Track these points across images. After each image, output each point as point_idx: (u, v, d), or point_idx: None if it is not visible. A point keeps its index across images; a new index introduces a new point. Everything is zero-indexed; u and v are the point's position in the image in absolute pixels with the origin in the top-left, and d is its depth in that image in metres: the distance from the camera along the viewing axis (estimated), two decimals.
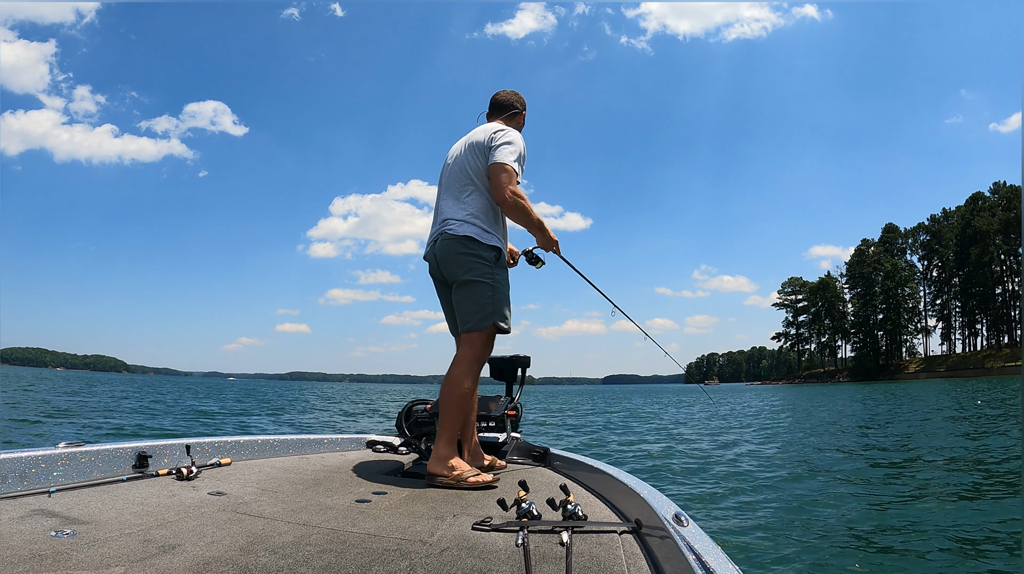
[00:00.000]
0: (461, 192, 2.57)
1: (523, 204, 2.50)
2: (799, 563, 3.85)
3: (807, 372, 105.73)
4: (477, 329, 2.48)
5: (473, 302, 2.48)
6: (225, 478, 2.25)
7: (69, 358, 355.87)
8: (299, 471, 2.49)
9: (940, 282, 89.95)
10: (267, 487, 2.14)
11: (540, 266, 2.82)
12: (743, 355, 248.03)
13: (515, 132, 2.61)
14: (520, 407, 3.16)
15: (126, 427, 11.77)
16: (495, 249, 2.52)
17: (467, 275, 2.49)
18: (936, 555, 3.94)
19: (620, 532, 1.63)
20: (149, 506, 1.77)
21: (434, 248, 2.59)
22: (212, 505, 1.83)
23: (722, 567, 1.20)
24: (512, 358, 3.21)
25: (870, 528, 4.63)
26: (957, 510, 5.08)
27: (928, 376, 79.01)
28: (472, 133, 2.67)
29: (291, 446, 2.95)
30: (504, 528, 1.64)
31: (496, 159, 2.48)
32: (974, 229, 79.84)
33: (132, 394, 27.09)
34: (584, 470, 2.51)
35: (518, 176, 2.51)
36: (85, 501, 1.78)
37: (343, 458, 2.88)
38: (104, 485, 2.00)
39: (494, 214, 2.57)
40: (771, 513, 5.15)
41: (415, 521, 1.75)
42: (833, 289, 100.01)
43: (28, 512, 1.61)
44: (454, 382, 2.43)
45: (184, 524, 1.59)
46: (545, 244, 2.71)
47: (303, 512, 1.81)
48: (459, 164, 2.61)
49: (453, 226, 2.52)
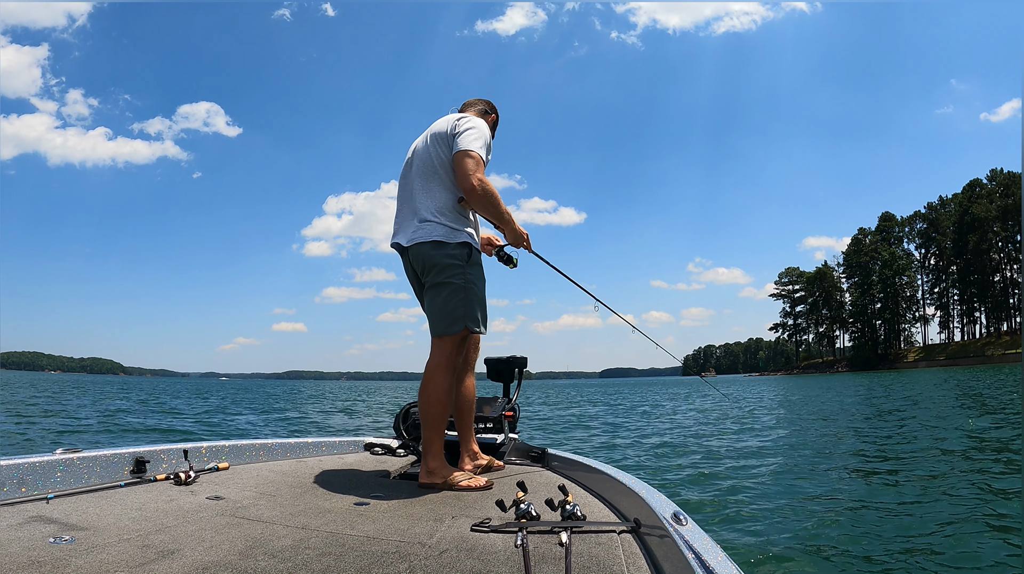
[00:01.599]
0: (426, 187, 2.44)
1: (492, 193, 2.37)
2: (800, 561, 3.79)
3: (805, 362, 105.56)
4: (448, 333, 2.39)
5: (443, 305, 2.39)
6: (223, 482, 2.22)
7: (66, 361, 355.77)
8: (297, 474, 2.45)
9: (938, 270, 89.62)
10: (265, 491, 2.12)
11: (513, 266, 2.71)
12: (740, 347, 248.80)
13: (479, 119, 2.48)
14: (517, 408, 3.14)
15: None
16: (465, 246, 2.40)
17: (438, 278, 2.39)
18: (939, 551, 3.90)
19: (619, 532, 1.63)
20: (147, 511, 1.77)
21: (407, 255, 2.47)
22: (210, 510, 1.82)
23: (721, 566, 1.21)
24: (509, 359, 3.20)
25: (872, 524, 4.55)
26: (961, 506, 4.98)
27: (928, 365, 78.74)
28: (434, 124, 2.53)
29: (289, 450, 2.91)
30: (503, 529, 1.65)
31: (460, 146, 2.35)
32: (972, 216, 79.37)
33: (110, 397, 26.26)
34: (582, 470, 2.48)
35: (484, 165, 2.39)
36: (83, 507, 1.77)
37: (341, 461, 2.84)
38: (102, 491, 1.99)
39: (461, 208, 2.45)
40: (771, 511, 5.08)
41: (414, 523, 1.75)
42: (830, 279, 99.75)
43: (26, 518, 1.62)
44: (431, 396, 2.35)
45: (183, 529, 1.59)
46: (514, 240, 2.62)
47: (302, 515, 1.80)
48: (421, 157, 2.48)
49: (420, 229, 2.40)
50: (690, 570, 1.14)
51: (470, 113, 2.60)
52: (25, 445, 8.85)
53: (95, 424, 12.71)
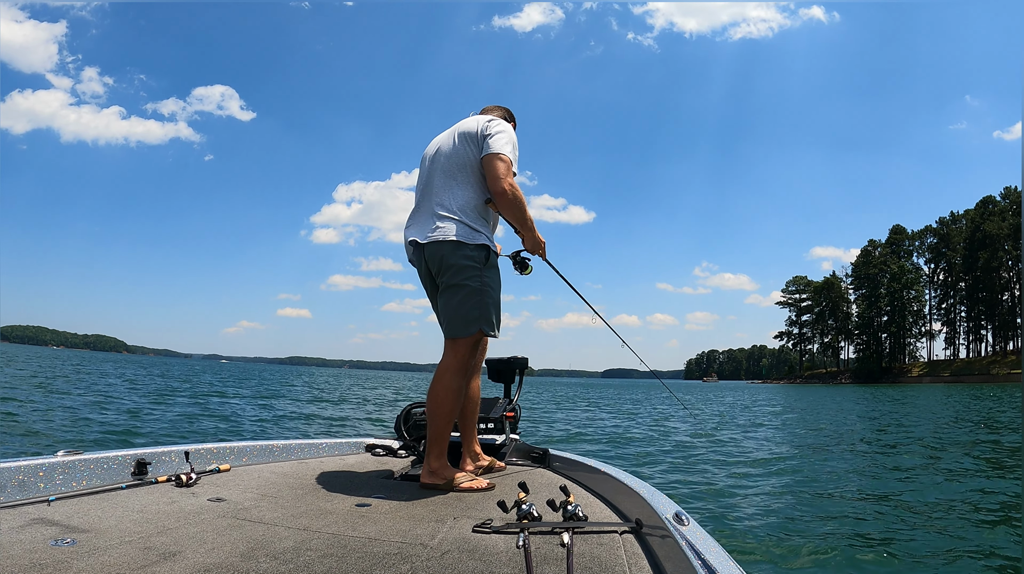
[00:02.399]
0: (449, 186, 2.38)
1: (521, 198, 2.35)
2: (801, 561, 3.78)
3: (809, 372, 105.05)
4: (463, 335, 2.34)
5: (459, 307, 2.33)
6: (224, 484, 2.20)
7: (69, 337, 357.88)
8: (298, 476, 2.42)
9: (946, 286, 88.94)
10: (267, 493, 2.10)
11: (528, 272, 2.70)
12: (743, 353, 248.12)
13: (508, 124, 2.45)
14: (518, 409, 3.13)
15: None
16: (484, 248, 2.35)
17: (454, 279, 2.33)
18: (939, 554, 3.89)
19: (621, 532, 1.64)
20: (149, 513, 1.75)
21: (422, 252, 2.39)
22: (212, 511, 1.81)
23: (724, 566, 1.21)
24: (510, 360, 3.18)
25: (873, 526, 4.53)
26: (960, 510, 5.00)
27: (932, 380, 78.28)
28: (461, 123, 2.48)
29: (290, 451, 2.88)
30: (505, 530, 1.64)
31: (493, 149, 2.31)
32: (984, 233, 78.75)
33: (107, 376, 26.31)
34: (584, 471, 2.47)
35: (514, 168, 2.36)
36: (85, 509, 1.76)
37: (342, 462, 2.83)
38: (103, 493, 1.97)
39: (483, 209, 2.39)
40: (774, 511, 5.05)
41: (416, 524, 1.74)
42: (838, 289, 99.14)
43: (28, 521, 1.61)
44: (440, 395, 2.30)
45: (184, 531, 1.59)
46: (533, 246, 2.60)
47: (303, 517, 1.79)
48: (447, 155, 2.42)
49: (439, 227, 2.33)
50: (692, 571, 1.13)
51: (496, 115, 2.57)
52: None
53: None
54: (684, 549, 1.22)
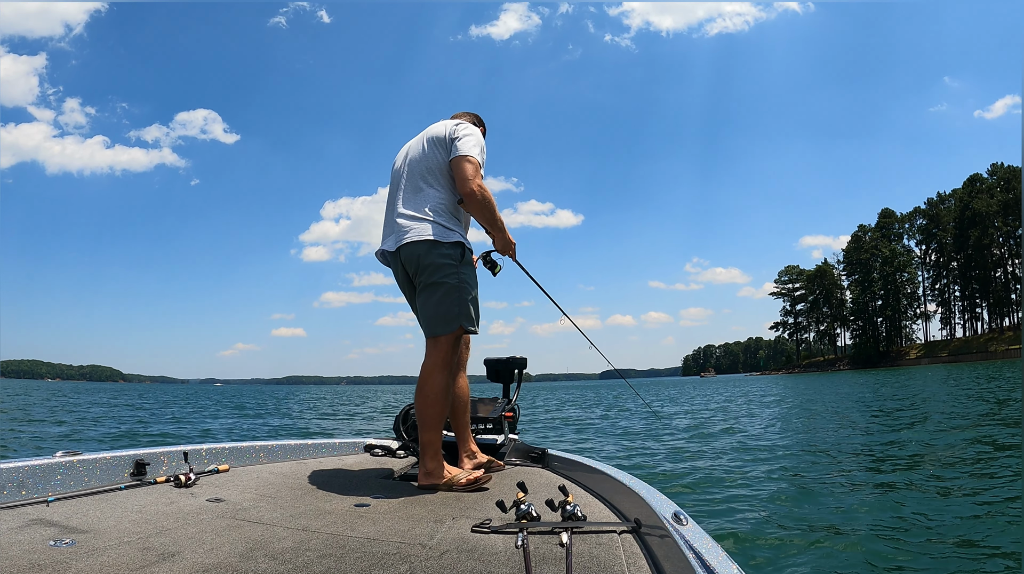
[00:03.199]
0: (420, 189, 2.43)
1: (490, 199, 2.41)
2: (801, 560, 3.72)
3: (807, 361, 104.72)
4: (444, 333, 2.37)
5: (438, 305, 2.36)
6: (223, 484, 2.22)
7: (65, 369, 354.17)
8: (297, 476, 2.43)
9: (939, 266, 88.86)
10: (265, 493, 2.12)
11: (497, 272, 2.72)
12: (740, 346, 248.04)
13: (475, 127, 2.51)
14: (517, 409, 3.13)
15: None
16: (459, 246, 2.39)
17: (432, 277, 2.36)
18: (942, 551, 3.79)
19: (620, 532, 1.63)
20: (148, 514, 1.77)
21: (398, 255, 2.42)
22: (211, 512, 1.82)
23: (722, 565, 1.22)
24: (508, 360, 3.20)
25: (875, 524, 4.44)
26: (964, 505, 4.84)
27: (930, 362, 77.98)
28: (430, 128, 2.54)
29: (289, 451, 2.88)
30: (504, 530, 1.64)
31: (460, 151, 2.37)
32: (973, 211, 78.66)
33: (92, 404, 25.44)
34: (582, 470, 2.47)
35: (482, 170, 2.42)
36: (83, 510, 1.78)
37: (341, 462, 2.82)
38: (102, 493, 1.99)
39: (455, 209, 2.44)
40: (772, 510, 4.98)
41: (414, 524, 1.75)
42: (830, 276, 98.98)
43: (27, 521, 1.62)
44: (428, 395, 2.33)
45: (183, 531, 1.59)
46: (504, 247, 2.64)
47: (302, 517, 1.80)
48: (417, 159, 2.47)
49: (413, 228, 2.36)
50: (691, 570, 1.13)
51: (464, 120, 2.62)
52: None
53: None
54: (683, 548, 1.22)
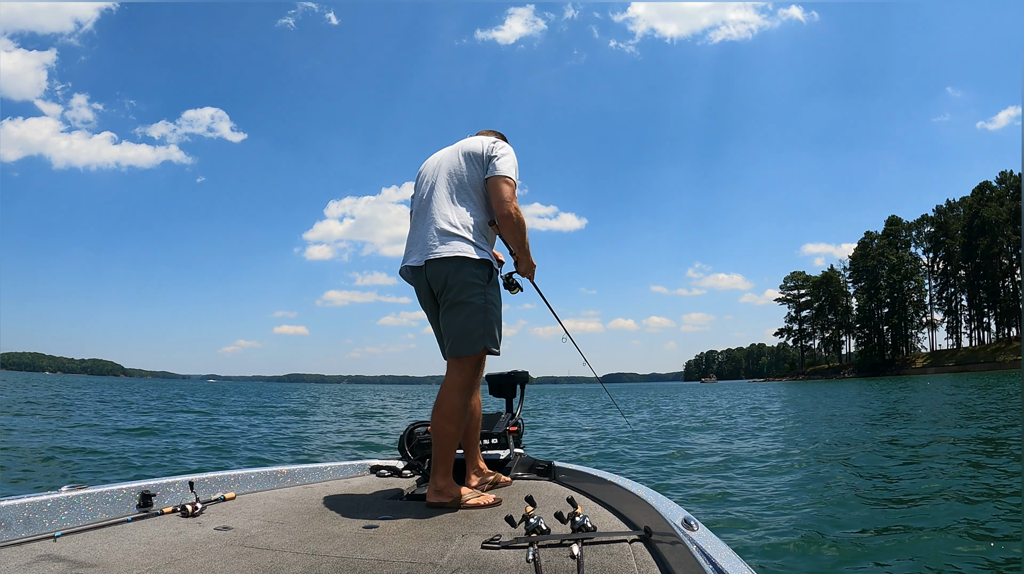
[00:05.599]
0: (452, 204, 2.35)
1: (523, 222, 2.38)
2: (816, 564, 3.68)
3: (811, 368, 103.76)
4: (468, 354, 2.31)
5: (464, 325, 2.29)
6: (230, 512, 2.20)
7: (66, 362, 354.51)
8: (304, 501, 2.42)
9: (946, 275, 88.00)
10: (273, 519, 2.10)
11: (517, 292, 2.72)
12: (742, 352, 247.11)
13: (511, 148, 2.46)
14: (521, 423, 3.12)
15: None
16: (487, 264, 2.33)
17: (459, 296, 2.29)
18: (953, 556, 3.77)
19: (630, 541, 1.63)
20: (156, 545, 1.75)
21: (423, 270, 2.34)
22: (219, 540, 1.81)
23: (736, 569, 1.22)
24: (511, 374, 3.20)
25: (893, 530, 4.39)
26: (979, 511, 4.77)
27: (937, 371, 77.15)
28: (464, 142, 2.47)
29: (294, 476, 2.85)
30: (514, 545, 1.63)
31: (500, 171, 2.33)
32: (982, 220, 77.84)
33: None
34: (590, 481, 2.45)
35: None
36: (91, 544, 1.76)
37: (347, 485, 2.80)
38: (109, 526, 1.97)
39: (485, 228, 2.38)
40: (787, 514, 4.91)
41: (424, 544, 1.74)
42: (836, 283, 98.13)
43: (35, 558, 1.61)
44: (447, 415, 2.27)
45: (192, 561, 1.59)
46: (527, 270, 2.61)
47: (311, 542, 1.79)
48: (451, 173, 2.40)
49: (445, 244, 2.29)
50: None
51: (492, 134, 2.58)
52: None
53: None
54: (695, 554, 1.22)
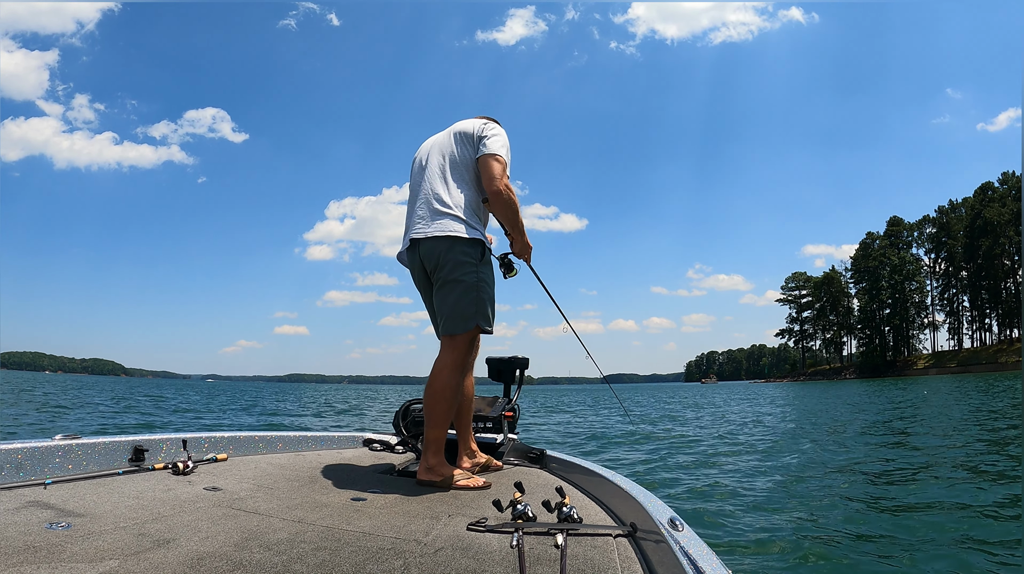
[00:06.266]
0: (444, 184, 2.39)
1: (514, 200, 2.41)
2: (796, 568, 3.70)
3: (812, 369, 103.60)
4: (460, 332, 2.34)
5: (455, 303, 2.33)
6: (221, 474, 2.23)
7: (67, 362, 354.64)
8: (295, 468, 2.44)
9: (948, 275, 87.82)
10: (263, 483, 2.12)
11: (512, 275, 2.68)
12: (743, 353, 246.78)
13: (502, 128, 2.50)
14: (518, 408, 3.13)
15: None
16: (479, 243, 2.36)
17: (451, 274, 2.32)
18: (942, 557, 3.77)
19: (615, 535, 1.62)
20: (144, 500, 1.78)
21: (417, 249, 2.39)
22: (207, 500, 1.83)
23: (716, 572, 1.23)
24: (510, 359, 3.21)
25: (874, 533, 4.37)
26: (966, 516, 4.75)
27: (938, 372, 76.98)
28: (458, 124, 2.51)
29: (288, 443, 2.89)
30: (499, 529, 1.64)
31: (489, 149, 2.36)
32: (985, 220, 77.67)
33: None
34: (580, 473, 2.46)
35: (507, 170, 2.41)
36: (80, 494, 1.79)
37: (339, 456, 2.83)
38: (100, 478, 2.00)
39: (478, 207, 2.41)
40: (770, 517, 4.90)
41: (410, 520, 1.75)
42: (838, 284, 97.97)
43: (23, 503, 1.63)
44: (438, 392, 2.31)
45: (179, 519, 1.60)
46: (521, 250, 2.60)
47: (298, 509, 1.81)
48: (444, 154, 2.44)
49: (436, 223, 2.34)
50: None
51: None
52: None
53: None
54: (677, 554, 1.23)
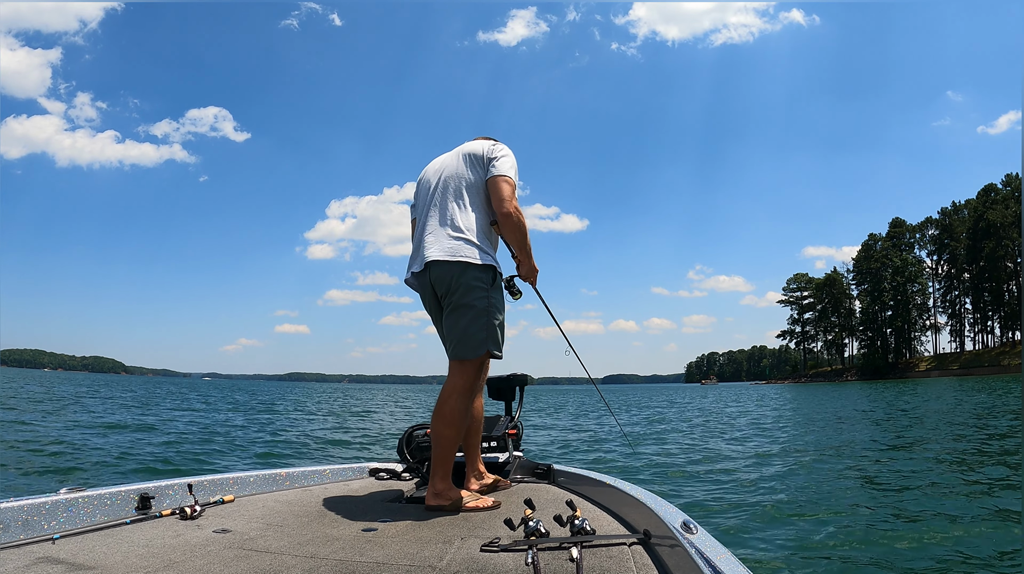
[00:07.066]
0: (455, 207, 2.36)
1: (524, 223, 2.39)
2: (815, 568, 3.68)
3: (813, 370, 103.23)
4: (470, 357, 2.31)
5: (467, 328, 2.30)
6: (229, 515, 2.19)
7: (67, 359, 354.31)
8: (303, 504, 2.41)
9: (950, 277, 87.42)
10: (272, 521, 2.09)
11: (518, 298, 2.70)
12: (744, 354, 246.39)
13: (509, 150, 2.48)
14: (520, 426, 3.13)
15: None
16: (491, 269, 2.33)
17: (463, 299, 2.29)
18: (952, 559, 3.76)
19: (629, 544, 1.62)
20: (154, 547, 1.75)
21: (427, 272, 2.34)
22: (218, 543, 1.80)
23: (734, 572, 1.23)
24: (510, 377, 3.20)
25: (895, 535, 4.36)
26: (982, 521, 4.69)
27: (940, 374, 76.64)
28: (466, 145, 2.49)
29: (293, 479, 2.85)
30: (513, 548, 1.63)
31: (499, 171, 2.35)
32: (987, 222, 77.30)
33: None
34: (588, 484, 2.46)
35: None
36: (90, 546, 1.75)
37: (346, 488, 2.79)
38: (108, 529, 1.96)
39: (488, 231, 2.39)
40: (788, 519, 4.89)
41: (423, 546, 1.73)
42: (839, 285, 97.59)
43: (33, 560, 1.61)
44: (447, 419, 2.27)
45: (191, 564, 1.58)
46: (528, 272, 2.61)
47: (310, 544, 1.78)
48: (452, 176, 2.41)
49: (446, 249, 2.30)
50: None
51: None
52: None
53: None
54: (694, 557, 1.22)
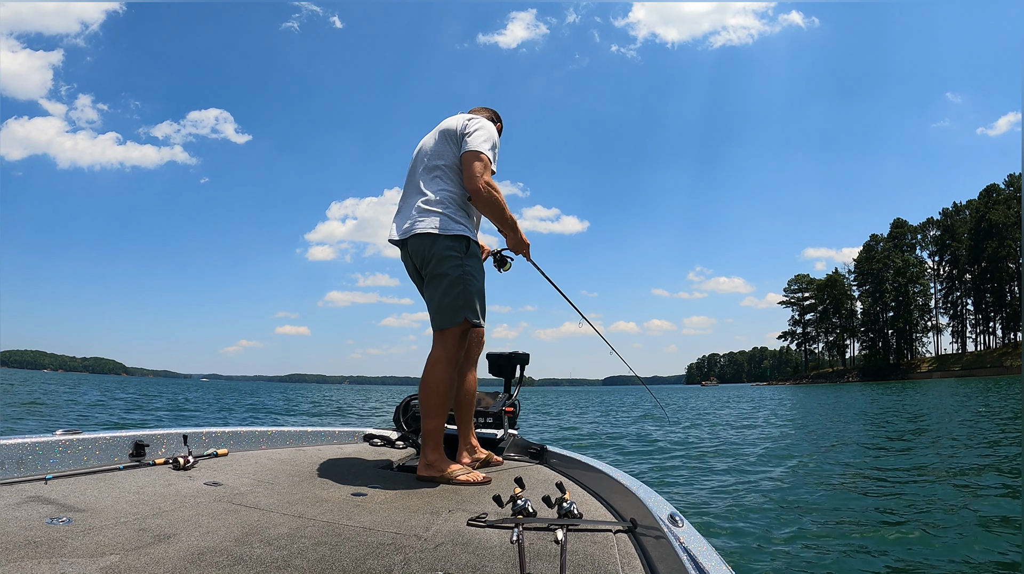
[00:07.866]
0: (428, 181, 2.42)
1: (497, 198, 2.39)
2: (794, 565, 3.70)
3: (815, 372, 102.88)
4: (449, 326, 2.37)
5: (443, 297, 2.36)
6: (221, 469, 2.24)
7: (68, 360, 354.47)
8: (295, 463, 2.45)
9: (952, 278, 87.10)
10: (263, 478, 2.13)
11: (507, 269, 2.71)
12: (744, 355, 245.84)
13: (489, 122, 2.48)
14: (518, 404, 3.13)
15: None
16: (463, 239, 2.37)
17: (437, 269, 2.36)
18: (940, 558, 3.80)
19: (615, 531, 1.62)
20: (145, 495, 1.78)
21: (406, 247, 2.44)
22: (208, 495, 1.84)
23: (715, 568, 1.24)
24: (511, 355, 3.22)
25: (870, 531, 4.41)
26: (964, 515, 4.79)
27: (942, 375, 76.24)
28: (444, 121, 2.53)
29: (288, 438, 2.90)
30: (499, 524, 1.63)
31: (470, 146, 2.36)
32: (990, 223, 77.00)
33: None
34: (581, 468, 2.47)
35: (492, 166, 2.40)
36: (81, 489, 1.79)
37: (340, 451, 2.84)
38: (101, 473, 2.00)
39: (463, 203, 2.42)
40: (768, 514, 4.97)
41: (410, 516, 1.75)
42: (841, 286, 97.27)
43: (24, 498, 1.63)
44: (431, 388, 2.33)
45: (180, 514, 1.60)
46: (516, 246, 2.61)
47: (299, 504, 1.81)
48: (428, 153, 2.47)
49: (419, 221, 2.37)
50: (684, 571, 1.14)
51: (481, 115, 2.55)
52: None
53: None
54: (677, 550, 1.23)
